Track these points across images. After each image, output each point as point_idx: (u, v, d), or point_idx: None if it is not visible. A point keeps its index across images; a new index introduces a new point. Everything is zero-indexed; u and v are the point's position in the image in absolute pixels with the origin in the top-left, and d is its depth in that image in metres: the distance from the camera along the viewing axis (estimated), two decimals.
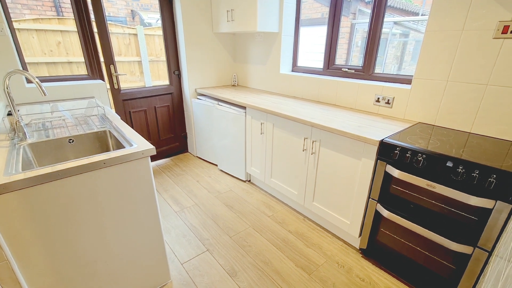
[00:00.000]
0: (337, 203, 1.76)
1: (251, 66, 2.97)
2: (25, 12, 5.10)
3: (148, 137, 2.89)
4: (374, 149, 1.44)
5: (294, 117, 1.83)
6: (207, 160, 3.04)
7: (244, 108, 2.37)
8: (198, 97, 2.91)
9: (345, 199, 1.70)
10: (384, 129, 1.57)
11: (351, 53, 4.01)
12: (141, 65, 5.14)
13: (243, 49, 3.00)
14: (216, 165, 2.97)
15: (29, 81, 2.08)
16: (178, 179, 2.65)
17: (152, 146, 1.18)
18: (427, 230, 1.33)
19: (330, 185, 1.77)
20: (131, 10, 6.60)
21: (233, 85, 3.19)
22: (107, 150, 1.47)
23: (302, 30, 2.63)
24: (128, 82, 4.84)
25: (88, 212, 1.07)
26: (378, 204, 1.52)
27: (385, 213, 1.48)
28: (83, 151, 1.41)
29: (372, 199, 1.54)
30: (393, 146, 1.37)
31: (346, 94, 2.13)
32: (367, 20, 2.05)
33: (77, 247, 1.09)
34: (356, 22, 4.52)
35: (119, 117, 1.98)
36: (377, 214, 1.54)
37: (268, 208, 2.20)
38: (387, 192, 1.46)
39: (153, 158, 3.03)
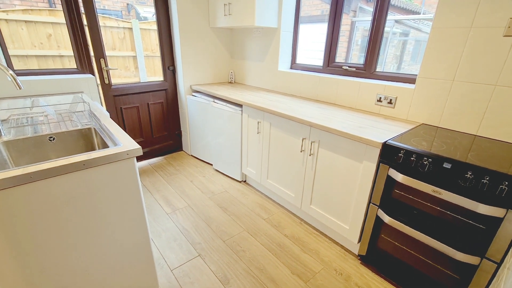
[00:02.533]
0: (336, 207, 1.69)
1: (249, 63, 2.87)
2: (15, 3, 4.93)
3: (141, 135, 2.79)
4: (376, 151, 1.37)
5: (292, 116, 1.75)
6: (202, 159, 2.95)
7: (240, 106, 2.28)
8: (193, 94, 2.81)
9: (344, 203, 1.63)
10: (386, 131, 1.49)
11: (350, 52, 3.93)
12: (136, 60, 5.01)
13: (241, 45, 2.91)
14: (211, 164, 2.88)
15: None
16: (171, 179, 2.55)
17: (138, 146, 1.08)
18: (430, 238, 1.25)
19: (328, 188, 1.70)
20: (127, 4, 6.44)
21: (230, 82, 3.09)
22: (92, 149, 1.37)
23: (302, 27, 2.54)
24: (122, 77, 4.71)
25: (65, 218, 0.98)
26: (380, 210, 1.44)
27: (387, 219, 1.41)
28: (65, 150, 1.31)
29: (373, 204, 1.47)
30: (397, 149, 1.29)
31: (346, 93, 2.05)
32: (367, 18, 1.97)
33: (53, 256, 1.00)
34: (356, 20, 4.44)
35: (108, 114, 1.88)
36: (378, 219, 1.46)
37: (264, 211, 2.12)
38: (389, 197, 1.39)
39: (146, 157, 2.93)
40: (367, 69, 2.04)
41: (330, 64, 2.30)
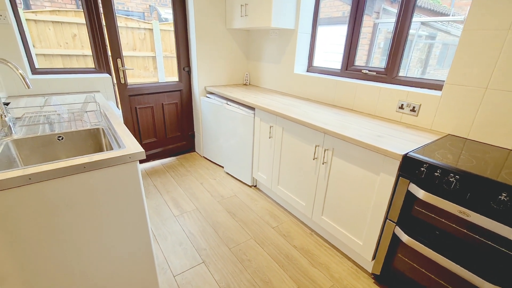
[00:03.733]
0: (349, 220, 1.58)
1: (265, 65, 2.81)
2: (46, 5, 5.19)
3: (154, 135, 2.80)
4: (396, 164, 1.25)
5: (305, 121, 1.66)
6: (214, 161, 2.92)
7: (253, 109, 2.22)
8: (207, 95, 2.79)
9: (358, 216, 1.52)
10: (408, 141, 1.37)
11: (372, 55, 3.76)
12: (155, 61, 5.11)
13: (257, 47, 2.85)
14: (222, 167, 2.84)
15: (34, 72, 2.04)
16: (181, 180, 2.54)
17: (141, 150, 1.05)
18: (454, 264, 1.12)
19: (342, 200, 1.59)
20: (149, 5, 6.61)
21: (245, 84, 3.04)
22: (100, 149, 1.37)
23: (321, 29, 2.45)
24: (141, 77, 4.82)
25: (64, 221, 0.96)
26: (397, 227, 1.32)
27: (405, 238, 1.29)
28: (73, 149, 1.31)
29: (390, 220, 1.35)
30: (419, 162, 1.17)
31: (365, 99, 1.93)
32: (392, 19, 1.85)
33: (50, 259, 0.98)
34: (379, 22, 4.26)
35: (121, 113, 1.88)
36: (395, 238, 1.35)
37: (273, 218, 2.05)
38: (408, 214, 1.27)
39: (159, 157, 2.94)
40: (389, 74, 1.91)
41: (349, 67, 2.19)
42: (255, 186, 2.51)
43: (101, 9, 2.19)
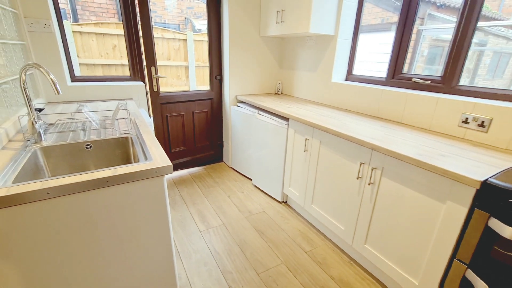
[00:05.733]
0: (400, 254, 1.33)
1: (299, 73, 2.66)
2: (92, 19, 5.57)
3: (183, 144, 2.76)
4: (471, 192, 1.01)
5: (349, 135, 1.47)
6: (242, 172, 2.79)
7: (286, 119, 2.07)
8: (238, 104, 2.70)
9: (414, 250, 1.27)
10: (482, 163, 1.12)
11: (414, 63, 3.46)
12: (187, 70, 5.22)
13: (291, 55, 2.72)
14: (251, 179, 2.70)
15: (73, 80, 2.09)
16: (208, 192, 2.44)
17: (169, 164, 0.94)
18: None
19: (392, 228, 1.36)
20: (185, 18, 6.87)
21: (277, 93, 2.91)
22: (127, 159, 1.30)
23: (360, 36, 2.25)
24: (174, 86, 4.92)
25: (83, 239, 0.87)
26: (469, 270, 1.06)
27: (480, 285, 1.02)
28: (101, 158, 1.25)
29: (459, 260, 1.09)
30: (506, 192, 0.93)
31: (417, 110, 1.69)
32: (438, 25, 1.63)
33: (69, 279, 0.89)
34: (424, 28, 3.94)
35: (151, 122, 1.84)
36: (466, 282, 1.08)
37: (306, 241, 1.84)
38: (485, 256, 1.01)
39: (186, 166, 2.89)
40: (447, 83, 1.66)
41: (396, 75, 1.96)
42: (285, 202, 2.32)
43: (139, 21, 2.21)
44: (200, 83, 5.32)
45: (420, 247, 1.23)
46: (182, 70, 4.96)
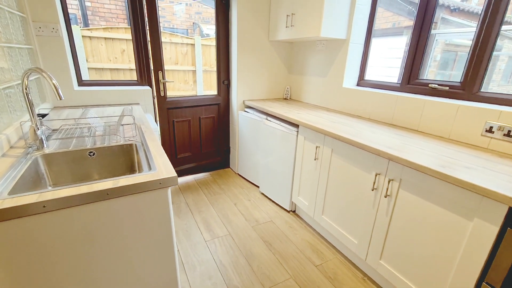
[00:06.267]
0: (419, 272, 1.24)
1: (308, 78, 2.60)
2: (102, 24, 5.64)
3: (189, 149, 2.71)
4: (502, 209, 0.92)
5: (363, 144, 1.39)
6: (249, 179, 2.72)
7: (296, 126, 2.00)
8: (246, 109, 2.65)
9: (434, 269, 1.17)
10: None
11: (427, 68, 3.37)
12: (195, 74, 5.21)
13: (300, 59, 2.66)
14: (258, 186, 2.63)
15: (80, 84, 2.07)
16: (214, 199, 2.37)
17: (174, 174, 0.88)
18: None
19: (410, 244, 1.26)
20: (193, 23, 6.91)
21: (285, 99, 2.85)
22: (132, 167, 1.24)
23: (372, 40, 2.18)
24: (181, 90, 4.92)
25: (82, 254, 0.81)
26: None
27: None
28: (105, 166, 1.20)
29: (488, 284, 1.00)
30: None
31: (435, 118, 1.60)
32: (451, 30, 1.56)
33: None
34: (437, 32, 3.84)
35: (157, 127, 1.79)
36: None
37: (316, 254, 1.75)
38: None
39: (192, 172, 2.83)
40: (467, 89, 1.57)
41: (411, 81, 1.87)
42: (294, 211, 2.24)
43: (147, 26, 2.19)
44: (207, 87, 5.30)
45: (443, 267, 1.14)
46: (189, 74, 4.96)
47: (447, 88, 1.66)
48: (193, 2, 6.48)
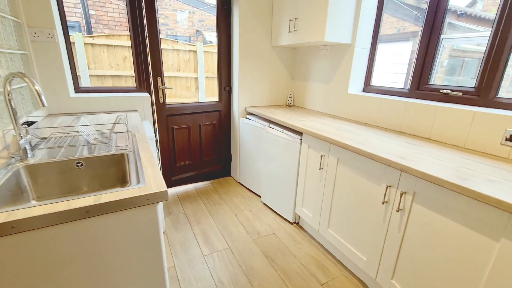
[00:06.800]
0: None
1: (312, 84, 2.52)
2: (105, 31, 5.67)
3: (189, 157, 2.63)
4: None
5: (372, 153, 1.29)
6: (250, 189, 2.62)
7: (300, 134, 1.91)
8: (248, 116, 2.57)
9: None
10: None
11: (433, 74, 3.28)
12: (197, 81, 5.18)
13: (304, 65, 2.59)
14: (260, 196, 2.52)
15: (77, 91, 2.01)
16: (214, 210, 2.27)
17: (164, 189, 0.79)
18: None
19: (426, 264, 1.15)
20: (196, 30, 6.94)
21: (288, 105, 2.77)
22: (124, 179, 1.16)
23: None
24: (183, 97, 4.87)
25: (56, 283, 0.72)
26: None
27: None
28: (94, 177, 1.12)
29: None
30: None
31: (449, 125, 1.50)
32: (458, 35, 1.47)
33: None
34: (444, 38, 3.76)
35: (152, 136, 1.72)
36: None
37: (321, 270, 1.63)
38: None
39: (192, 181, 2.74)
40: (483, 94, 1.47)
41: (421, 86, 1.78)
42: (297, 223, 2.12)
43: (146, 31, 2.14)
44: (209, 94, 5.25)
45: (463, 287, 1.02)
46: (191, 81, 4.93)
47: (461, 94, 1.56)
48: (196, 10, 6.52)
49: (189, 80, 4.92)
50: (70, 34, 1.91)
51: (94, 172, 1.11)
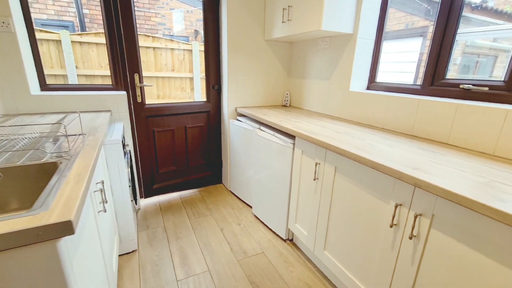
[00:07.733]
0: None
1: (310, 82, 2.25)
2: (101, 31, 5.51)
3: (173, 163, 2.38)
4: None
5: (378, 162, 1.02)
6: (241, 198, 2.36)
7: (293, 137, 1.64)
8: (238, 118, 2.31)
9: None
10: None
11: (446, 72, 2.99)
12: (192, 82, 4.95)
13: (301, 60, 2.33)
14: (251, 207, 2.26)
15: (43, 88, 1.79)
16: (198, 222, 2.02)
17: (68, 219, 0.54)
18: None
19: None
20: (194, 30, 6.74)
21: (284, 106, 2.51)
22: None
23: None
24: (178, 98, 4.64)
25: None
26: None
27: None
28: (13, 193, 0.87)
29: None
30: None
31: (472, 127, 1.22)
32: (473, 29, 1.22)
33: None
34: (458, 33, 3.47)
35: (118, 140, 1.47)
36: None
37: None
38: None
39: (178, 189, 2.49)
40: None
41: (436, 81, 1.50)
42: (291, 240, 1.85)
43: (121, 26, 1.91)
44: (205, 94, 5.02)
45: None
46: (186, 82, 4.71)
47: (486, 88, 1.28)
48: (194, 9, 6.34)
49: (184, 80, 4.70)
50: (56, 32, 1.69)
51: (14, 187, 0.86)
